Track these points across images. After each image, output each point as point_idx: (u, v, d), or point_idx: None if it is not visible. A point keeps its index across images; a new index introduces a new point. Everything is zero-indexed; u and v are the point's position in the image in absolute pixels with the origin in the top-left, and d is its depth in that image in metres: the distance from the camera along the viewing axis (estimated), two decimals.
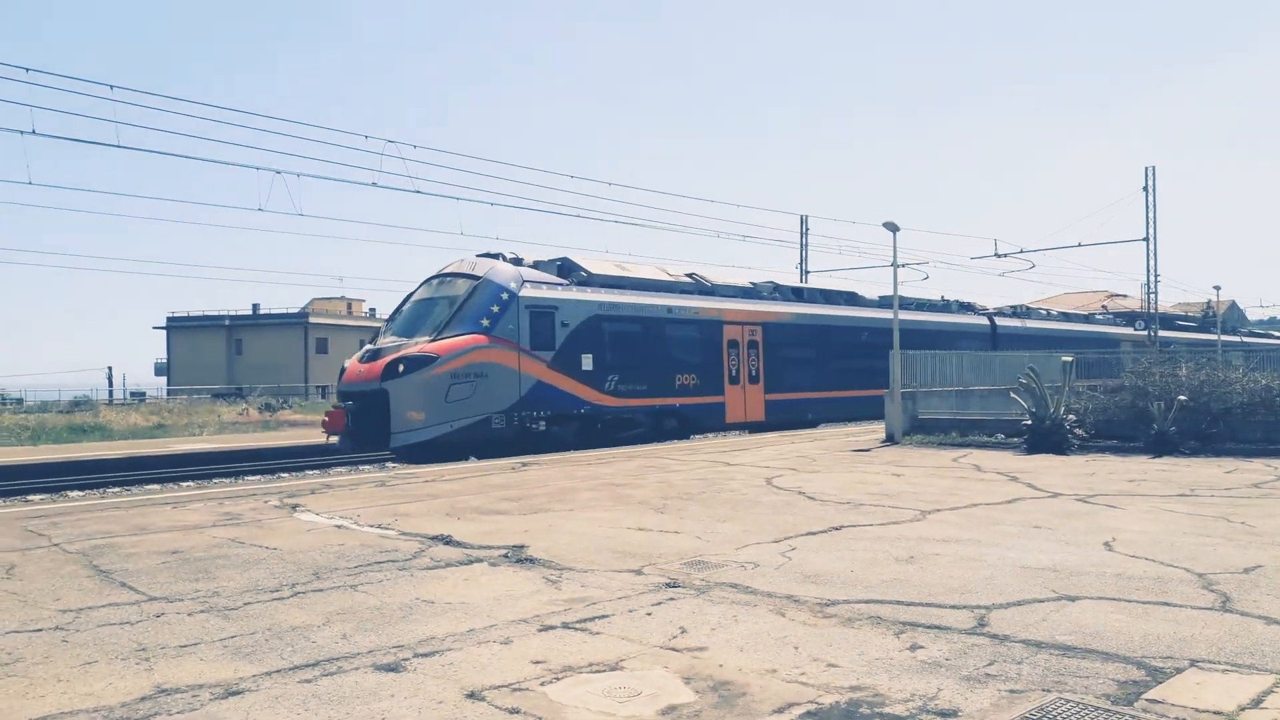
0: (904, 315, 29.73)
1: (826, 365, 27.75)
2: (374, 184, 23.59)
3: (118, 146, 19.10)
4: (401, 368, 18.84)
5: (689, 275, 25.71)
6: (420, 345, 19.21)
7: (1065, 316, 41.99)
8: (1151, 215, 40.59)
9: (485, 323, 19.64)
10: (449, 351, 19.03)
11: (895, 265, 22.43)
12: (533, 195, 72.48)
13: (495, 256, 21.39)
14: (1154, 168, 40.78)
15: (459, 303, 20.06)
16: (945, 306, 34.98)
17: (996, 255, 43.44)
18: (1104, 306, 48.21)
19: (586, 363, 21.24)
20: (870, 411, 27.55)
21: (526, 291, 20.49)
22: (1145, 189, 40.58)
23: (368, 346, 20.53)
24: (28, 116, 16.49)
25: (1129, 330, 44.29)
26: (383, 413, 18.64)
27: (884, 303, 31.07)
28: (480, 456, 18.24)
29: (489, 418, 19.30)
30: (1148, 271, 41.65)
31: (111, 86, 17.87)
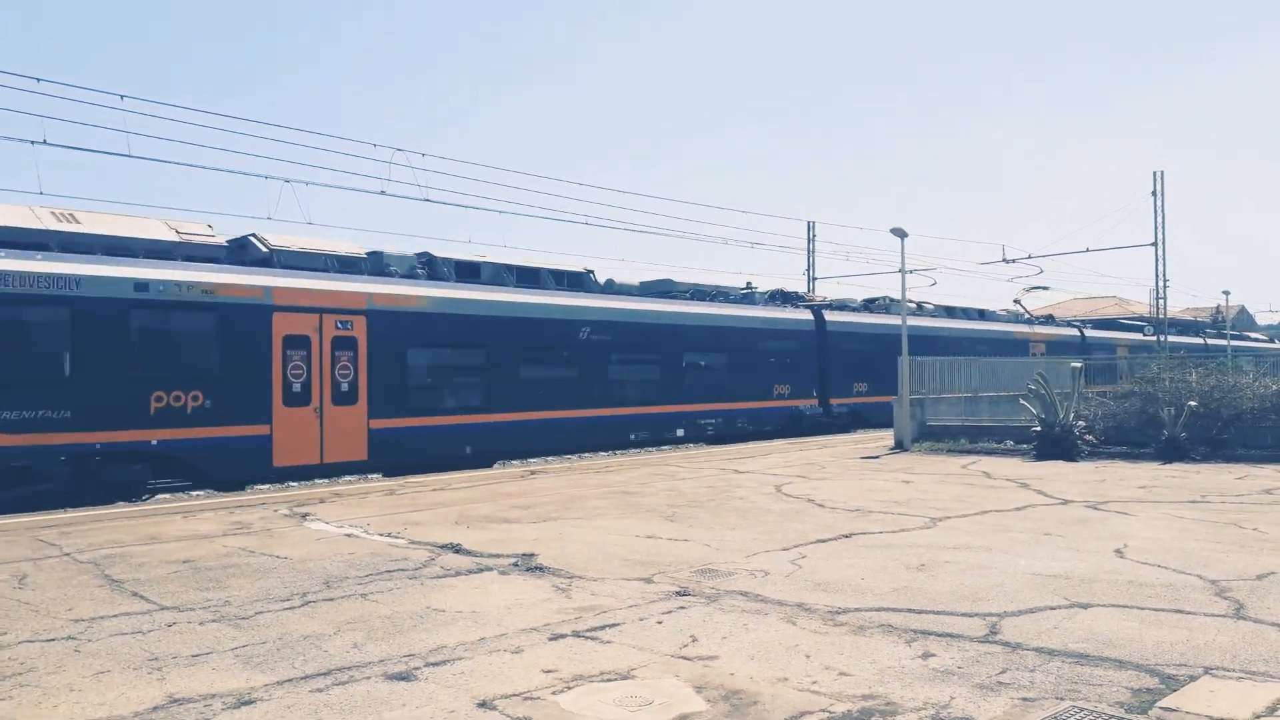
0: (660, 306, 23.19)
1: (512, 375, 19.34)
2: (382, 192, 23.66)
3: (128, 156, 19.11)
4: None
5: (238, 239, 17.13)
6: None
7: (949, 312, 33.86)
8: (1160, 220, 40.50)
9: None
10: None
11: (904, 271, 22.41)
12: (542, 203, 72.41)
13: None
14: (1162, 172, 40.70)
15: None
16: (746, 298, 27.24)
17: (1004, 261, 43.26)
18: (1017, 301, 40.70)
19: None
20: (595, 439, 20.96)
21: None
22: (1153, 193, 40.50)
23: None
24: (39, 127, 16.51)
25: (1048, 330, 37.53)
26: None
27: (648, 290, 24.27)
28: None
29: None
30: (1156, 276, 41.49)
31: (122, 96, 17.91)
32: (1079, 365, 19.96)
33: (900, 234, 21.33)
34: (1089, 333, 39.99)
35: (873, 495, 12.10)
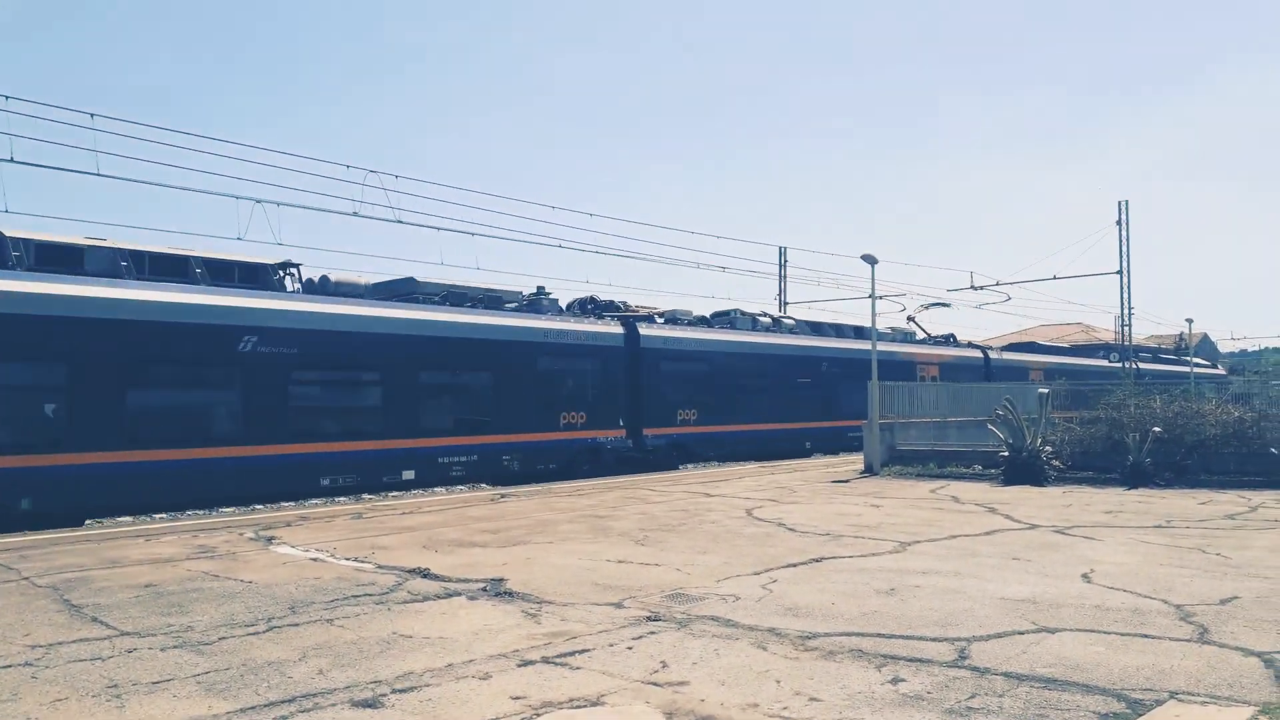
0: (385, 312, 17.93)
1: (115, 400, 14.46)
2: (355, 214, 23.54)
3: (97, 175, 18.83)
4: None
5: None
6: None
7: (816, 329, 29.49)
8: (1125, 248, 41.21)
9: None
10: None
11: (874, 297, 22.61)
12: (513, 225, 72.40)
13: None
14: (1127, 202, 41.51)
15: None
16: (532, 305, 21.95)
17: (973, 288, 43.80)
18: (910, 319, 36.45)
19: None
20: (260, 487, 15.73)
21: None
22: (1118, 222, 41.23)
23: None
24: (6, 144, 16.23)
25: (943, 351, 34.16)
26: None
27: (381, 293, 19.05)
28: None
29: None
30: (1121, 304, 42.15)
31: (92, 115, 17.75)
32: (1046, 391, 20.20)
33: (870, 260, 21.55)
34: (995, 355, 36.52)
35: (843, 519, 12.13)
